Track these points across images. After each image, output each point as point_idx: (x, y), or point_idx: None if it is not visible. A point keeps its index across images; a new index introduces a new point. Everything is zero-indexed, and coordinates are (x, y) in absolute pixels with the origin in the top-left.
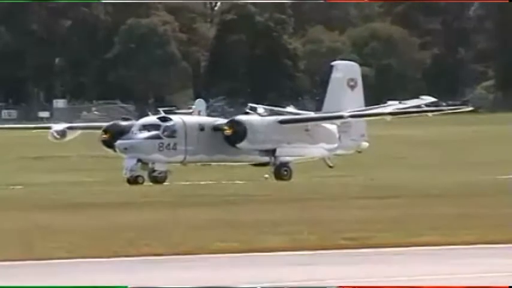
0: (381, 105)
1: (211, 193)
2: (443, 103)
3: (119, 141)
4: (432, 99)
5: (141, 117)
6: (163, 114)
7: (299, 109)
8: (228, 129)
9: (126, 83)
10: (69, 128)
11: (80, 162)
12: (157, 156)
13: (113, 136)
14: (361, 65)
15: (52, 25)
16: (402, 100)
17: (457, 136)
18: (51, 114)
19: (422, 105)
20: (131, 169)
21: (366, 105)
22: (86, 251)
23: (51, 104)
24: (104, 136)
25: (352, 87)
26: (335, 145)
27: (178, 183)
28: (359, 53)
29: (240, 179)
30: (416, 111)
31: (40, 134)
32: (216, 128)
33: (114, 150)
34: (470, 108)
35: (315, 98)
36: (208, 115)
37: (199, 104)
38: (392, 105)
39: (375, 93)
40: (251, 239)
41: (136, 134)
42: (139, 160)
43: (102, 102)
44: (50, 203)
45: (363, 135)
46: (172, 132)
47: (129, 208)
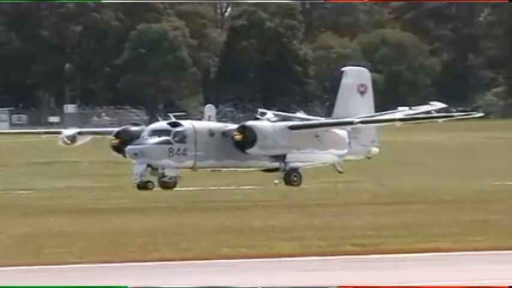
0: (391, 111)
1: (220, 198)
2: (453, 109)
3: (129, 147)
4: (442, 105)
5: (151, 122)
6: (173, 120)
7: (309, 115)
8: (238, 134)
9: (136, 88)
10: (79, 133)
11: (90, 168)
12: (167, 161)
13: (123, 141)
14: (371, 71)
15: (62, 31)
16: (412, 106)
17: (468, 142)
18: (61, 119)
19: (433, 111)
20: (141, 174)
21: (376, 111)
22: (96, 256)
23: (62, 109)
24: (114, 141)
25: (362, 93)
26: (345, 151)
27: (188, 189)
28: (369, 59)
29: (249, 184)
30: (426, 117)
31: (50, 139)
32: (226, 134)
33: (124, 156)
34: (481, 114)
35: (325, 104)
36: (218, 120)
37: (209, 110)
38: (402, 111)
39: (385, 100)
40: (260, 244)
41: (146, 139)
42: (149, 165)
43: (112, 107)
44: (60, 208)
45: (373, 141)
46: (182, 137)
47: (138, 213)
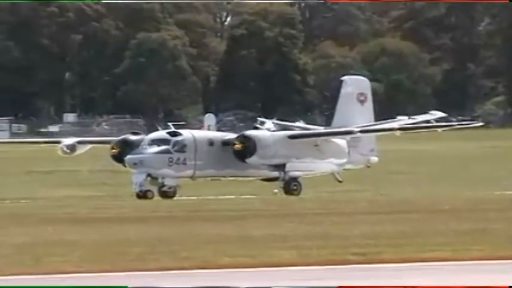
0: (390, 120)
1: (220, 208)
2: (453, 119)
3: (128, 156)
4: (442, 115)
5: (150, 131)
6: (173, 129)
7: (308, 124)
8: (237, 144)
9: (135, 97)
10: (79, 143)
11: (90, 177)
12: (166, 171)
13: (122, 150)
14: (371, 80)
15: (62, 40)
16: (411, 115)
17: (467, 151)
18: (61, 128)
19: (432, 121)
20: (140, 184)
21: (376, 120)
22: (95, 265)
23: (61, 118)
24: (114, 150)
25: (362, 102)
26: (344, 160)
27: (188, 198)
28: (369, 68)
29: (249, 193)
30: (425, 127)
31: (50, 148)
32: (225, 143)
33: (124, 165)
34: (480, 123)
35: (324, 113)
36: (218, 129)
37: (209, 119)
38: (401, 120)
39: (384, 109)
40: (260, 253)
41: (146, 148)
42: (148, 175)
43: (112, 116)
44: (59, 217)
45: (373, 150)
46: (182, 147)
47: (138, 222)
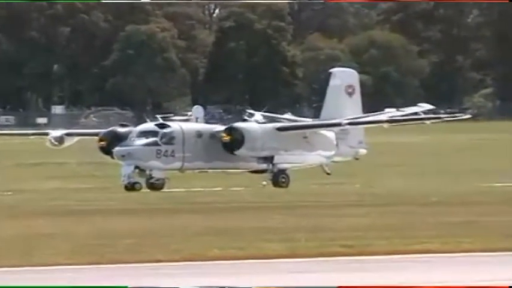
0: (379, 113)
1: (209, 200)
2: (441, 111)
3: (116, 148)
4: (430, 107)
5: (139, 123)
6: (161, 121)
7: (297, 116)
8: (226, 136)
9: (124, 89)
10: (67, 135)
11: (78, 169)
12: (155, 163)
13: (110, 143)
14: (359, 72)
15: (51, 32)
16: (400, 108)
17: (456, 144)
18: (49, 120)
19: (420, 113)
20: (129, 176)
21: (365, 113)
22: (84, 257)
23: (49, 111)
24: (102, 143)
25: (350, 94)
26: (333, 152)
27: (176, 190)
28: (357, 60)
29: (237, 186)
30: (414, 119)
31: (38, 141)
32: (213, 135)
33: (112, 157)
34: (468, 116)
35: (313, 105)
36: (206, 122)
37: (197, 111)
38: (390, 113)
39: (373, 101)
40: (249, 245)
41: (134, 140)
42: (137, 167)
43: (100, 108)
44: (48, 209)
45: (361, 142)
46: (170, 139)
47: (127, 215)
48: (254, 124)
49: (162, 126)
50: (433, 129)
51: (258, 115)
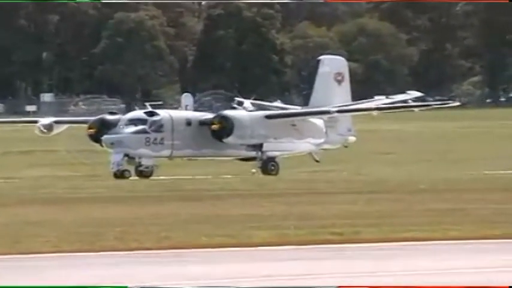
0: (368, 100)
1: (198, 188)
2: (430, 98)
3: (105, 136)
4: (419, 94)
5: (128, 111)
6: (150, 109)
7: (286, 104)
8: (215, 124)
9: (113, 77)
10: (56, 122)
11: (67, 157)
12: (144, 151)
13: (99, 130)
14: (349, 60)
15: (39, 20)
16: (389, 95)
17: (444, 131)
18: (38, 108)
19: (409, 100)
20: (118, 164)
21: (354, 100)
22: (73, 245)
23: (39, 98)
24: (91, 130)
25: (339, 82)
26: (322, 140)
27: (166, 178)
28: (347, 48)
29: (227, 174)
30: (402, 106)
31: (27, 128)
32: (203, 123)
33: (101, 145)
34: (457, 103)
35: (302, 93)
36: (195, 110)
37: (186, 99)
38: (379, 100)
39: (363, 89)
40: (238, 233)
41: (123, 128)
42: (126, 155)
43: (89, 96)
44: (37, 197)
45: (350, 130)
46: (159, 126)
47: (116, 202)
48: (243, 112)
49: (151, 114)
50: (423, 116)
51: (247, 103)
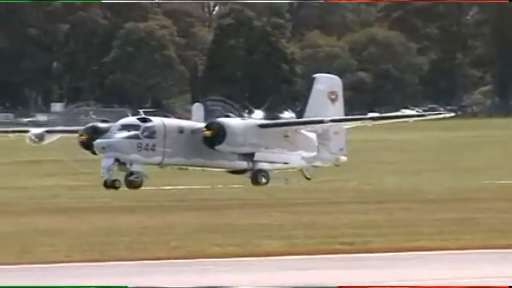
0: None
1: (206, 197)
2: (441, 108)
3: (97, 141)
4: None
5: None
6: (143, 115)
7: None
8: (207, 130)
9: (123, 86)
10: (48, 132)
11: (76, 166)
12: (135, 156)
13: (91, 137)
14: (359, 70)
15: (50, 29)
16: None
17: (455, 141)
18: (49, 117)
19: (419, 110)
20: (109, 168)
21: (364, 110)
22: (84, 255)
23: (49, 108)
24: (82, 137)
25: (333, 101)
26: (314, 153)
27: (174, 188)
28: (357, 58)
29: (235, 183)
30: (396, 117)
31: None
32: (195, 131)
33: (93, 152)
34: (452, 114)
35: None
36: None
37: (197, 108)
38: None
39: (373, 98)
40: (248, 243)
41: (115, 133)
42: (117, 160)
43: (100, 106)
44: (47, 206)
45: (342, 149)
46: (151, 133)
47: (124, 212)
48: (236, 120)
49: (144, 120)
50: (431, 126)
51: (258, 112)
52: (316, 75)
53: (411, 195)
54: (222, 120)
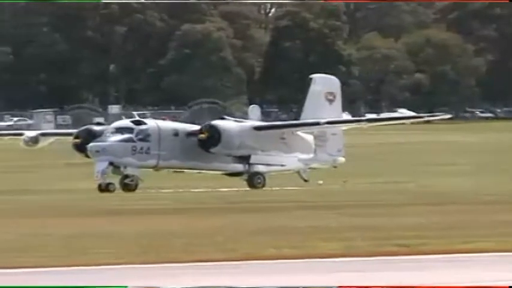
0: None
1: (261, 199)
2: (498, 110)
3: (91, 144)
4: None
5: (193, 123)
6: (137, 118)
7: (353, 115)
8: (202, 133)
9: (180, 89)
10: (42, 135)
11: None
12: (129, 159)
13: (85, 140)
14: (415, 71)
15: (107, 32)
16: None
17: (508, 144)
18: (106, 120)
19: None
20: (103, 172)
21: (422, 111)
22: (139, 257)
23: (106, 110)
24: (76, 140)
25: (330, 101)
26: (310, 155)
27: (229, 189)
28: (414, 59)
29: (290, 185)
30: (394, 118)
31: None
32: (190, 134)
33: (86, 155)
34: (449, 115)
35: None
36: (262, 121)
37: (253, 111)
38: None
39: (430, 100)
40: (305, 245)
41: (109, 136)
42: (111, 163)
43: (157, 108)
44: (100, 208)
45: (340, 150)
46: (145, 136)
47: (178, 214)
48: (232, 122)
49: (138, 123)
50: (487, 127)
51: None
52: (313, 76)
53: (467, 197)
54: (216, 122)
